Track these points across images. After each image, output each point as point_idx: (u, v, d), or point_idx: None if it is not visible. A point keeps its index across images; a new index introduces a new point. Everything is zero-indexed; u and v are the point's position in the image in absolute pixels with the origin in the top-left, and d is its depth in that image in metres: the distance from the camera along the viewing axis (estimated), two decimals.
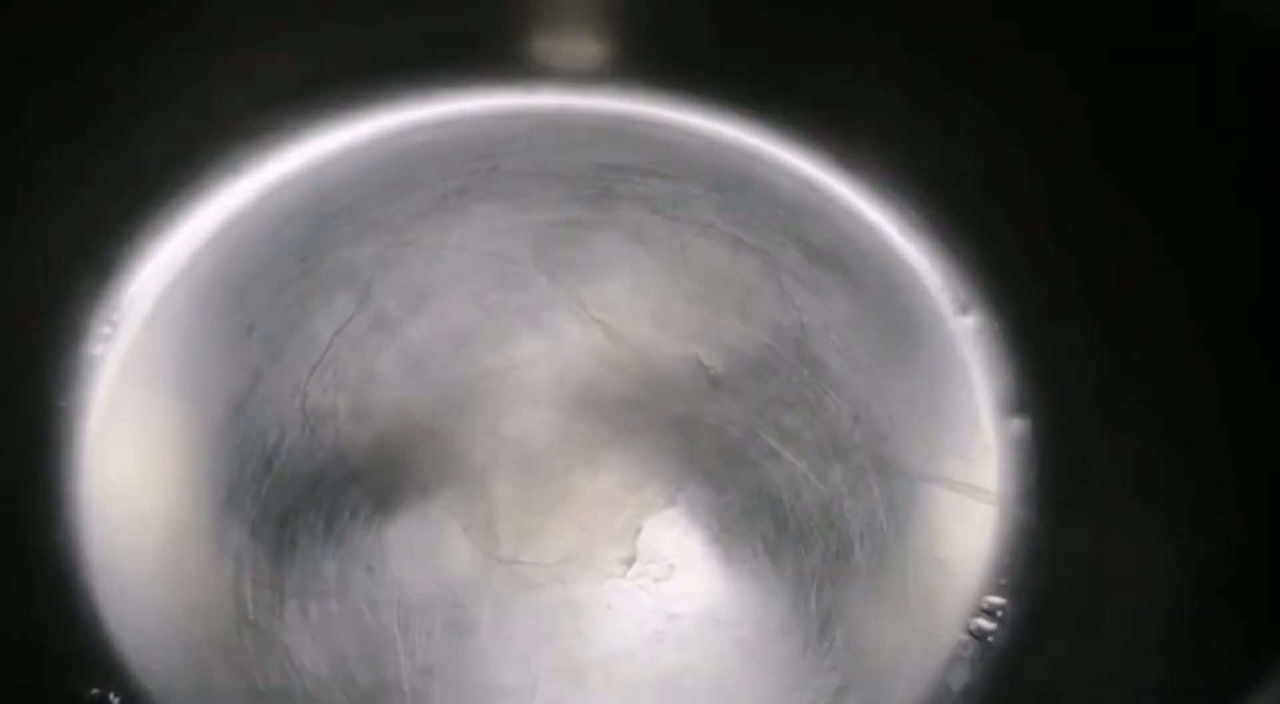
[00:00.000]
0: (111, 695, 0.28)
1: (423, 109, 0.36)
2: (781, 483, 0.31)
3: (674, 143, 0.36)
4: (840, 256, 0.35)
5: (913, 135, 0.35)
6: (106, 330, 0.32)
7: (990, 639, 0.30)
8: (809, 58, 0.35)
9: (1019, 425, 0.32)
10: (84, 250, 0.33)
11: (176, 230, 0.34)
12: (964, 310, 0.34)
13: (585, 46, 0.37)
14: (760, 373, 0.32)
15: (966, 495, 0.31)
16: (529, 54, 0.37)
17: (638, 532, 0.30)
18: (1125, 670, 0.27)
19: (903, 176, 0.35)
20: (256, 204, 0.34)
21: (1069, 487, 0.31)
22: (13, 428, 0.30)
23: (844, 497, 0.31)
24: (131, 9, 0.31)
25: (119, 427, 0.31)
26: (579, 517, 0.30)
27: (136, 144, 0.33)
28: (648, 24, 0.36)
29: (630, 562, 0.30)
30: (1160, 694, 0.26)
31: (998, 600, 0.30)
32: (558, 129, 0.36)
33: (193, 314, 0.33)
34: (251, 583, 0.29)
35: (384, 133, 0.36)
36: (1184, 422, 0.29)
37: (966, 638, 0.30)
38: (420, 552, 0.29)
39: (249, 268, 0.33)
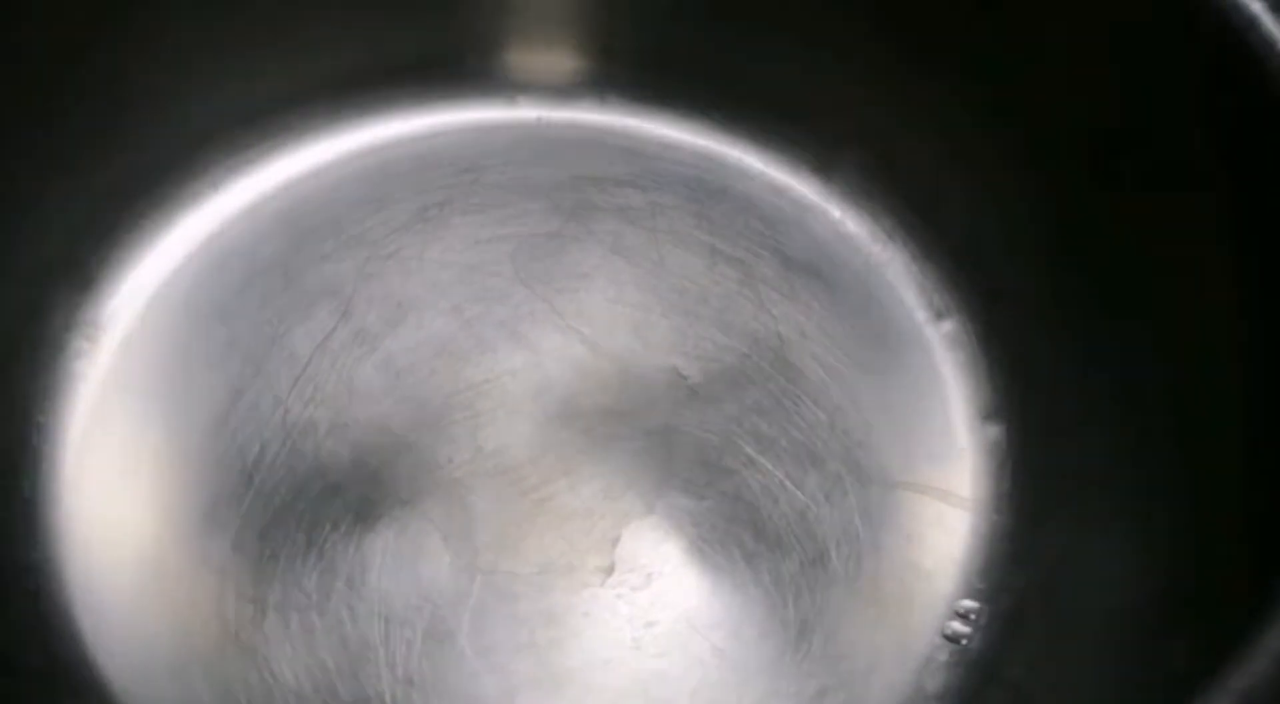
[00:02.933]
0: None
1: (402, 123, 0.36)
2: (759, 491, 0.31)
3: (651, 155, 0.36)
4: (817, 266, 0.35)
5: (888, 145, 0.35)
6: (86, 345, 0.32)
7: (965, 642, 0.30)
8: (786, 71, 0.35)
9: (993, 431, 0.33)
10: (62, 265, 0.33)
11: (156, 245, 0.34)
12: (939, 318, 0.34)
13: (563, 60, 0.37)
14: (738, 382, 0.33)
15: (941, 501, 0.32)
16: (508, 68, 0.37)
17: (616, 541, 0.30)
18: (1099, 673, 0.27)
19: (878, 186, 0.36)
20: (236, 219, 0.35)
21: (1043, 491, 0.31)
22: None
23: (821, 503, 0.31)
24: (107, 24, 0.31)
25: (99, 442, 0.31)
26: (557, 526, 0.30)
27: (115, 159, 0.33)
28: (625, 38, 0.37)
29: (609, 570, 0.30)
30: (1133, 697, 0.26)
31: (972, 604, 0.30)
32: (537, 142, 0.36)
33: (173, 329, 0.33)
34: (233, 597, 0.29)
35: (364, 147, 0.36)
36: (1157, 427, 0.30)
37: (942, 641, 0.30)
38: (400, 563, 0.30)
39: (229, 282, 0.33)
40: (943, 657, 0.30)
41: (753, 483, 0.31)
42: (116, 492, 0.31)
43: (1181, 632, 0.26)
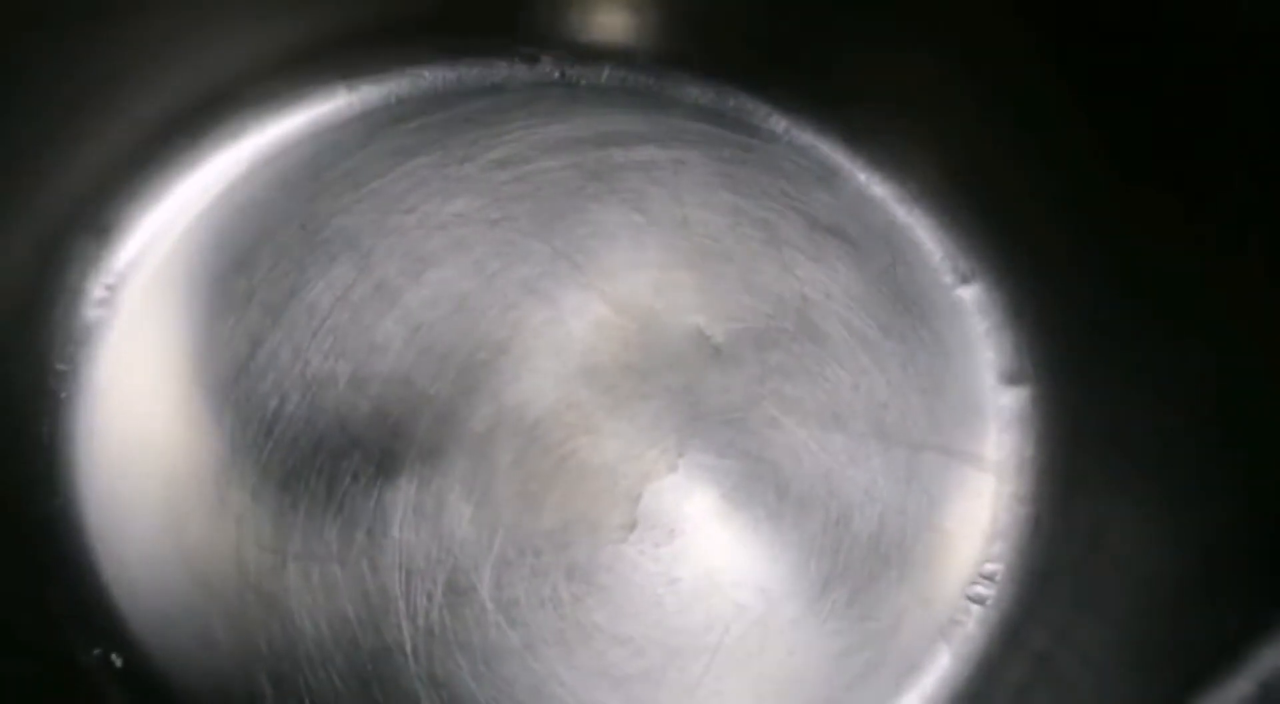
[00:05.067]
0: (113, 657, 0.28)
1: (426, 77, 0.36)
2: (783, 451, 0.31)
3: (676, 113, 0.36)
4: (842, 227, 0.34)
5: (914, 107, 0.35)
6: (105, 294, 0.32)
7: (988, 604, 0.30)
8: (811, 31, 0.35)
9: (1019, 394, 0.33)
10: (82, 214, 0.32)
11: (175, 194, 0.33)
12: (965, 280, 0.34)
13: (588, 18, 0.37)
14: (761, 342, 0.32)
15: (966, 463, 0.32)
16: (533, 25, 0.36)
17: (638, 498, 0.30)
18: (1120, 637, 0.27)
19: (904, 147, 0.35)
20: (256, 170, 0.34)
21: (1067, 455, 0.31)
22: (11, 392, 0.30)
23: (844, 465, 0.31)
24: None
25: (118, 391, 0.31)
26: (580, 482, 0.30)
27: (136, 107, 0.33)
28: None
29: (631, 527, 0.30)
30: (1154, 661, 0.26)
31: (996, 567, 0.30)
32: (560, 99, 0.36)
33: (192, 279, 0.32)
34: (254, 546, 0.29)
35: (386, 100, 0.35)
36: (1183, 391, 0.29)
37: (965, 603, 0.30)
38: (422, 516, 0.30)
39: (248, 233, 0.33)
40: (966, 618, 0.30)
41: (776, 443, 0.31)
42: (136, 441, 0.30)
43: (1206, 597, 0.26)
